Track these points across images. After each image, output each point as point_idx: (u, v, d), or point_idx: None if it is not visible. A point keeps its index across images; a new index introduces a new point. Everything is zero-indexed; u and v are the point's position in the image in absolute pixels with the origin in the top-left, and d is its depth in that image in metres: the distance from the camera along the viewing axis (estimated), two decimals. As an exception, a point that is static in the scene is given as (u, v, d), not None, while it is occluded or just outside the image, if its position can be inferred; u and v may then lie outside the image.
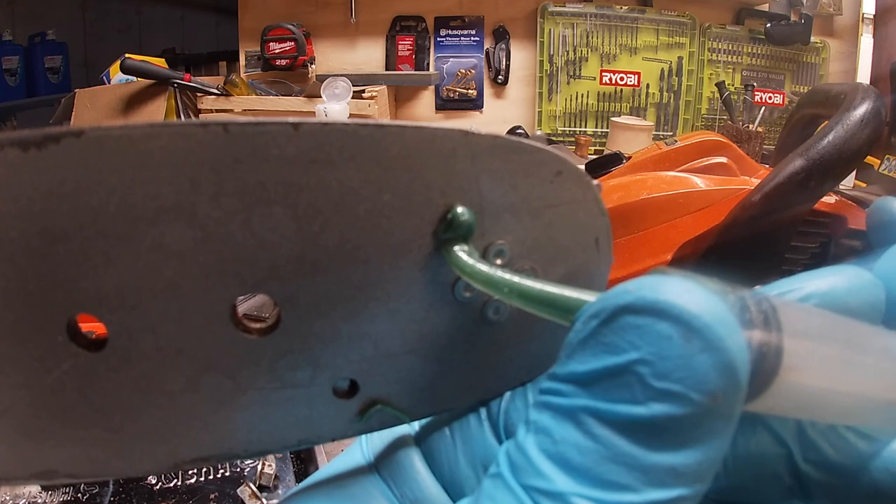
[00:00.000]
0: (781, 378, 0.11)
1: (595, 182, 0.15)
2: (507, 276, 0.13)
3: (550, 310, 0.12)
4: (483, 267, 0.13)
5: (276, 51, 1.34)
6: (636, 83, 1.47)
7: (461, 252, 0.13)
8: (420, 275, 0.14)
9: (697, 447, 0.11)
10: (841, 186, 0.85)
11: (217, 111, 1.26)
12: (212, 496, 0.57)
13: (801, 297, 0.15)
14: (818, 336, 0.12)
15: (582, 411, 0.11)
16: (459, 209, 0.13)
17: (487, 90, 1.50)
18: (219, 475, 0.59)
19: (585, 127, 1.49)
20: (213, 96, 1.27)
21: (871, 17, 1.43)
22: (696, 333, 0.10)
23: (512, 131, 1.23)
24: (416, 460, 0.16)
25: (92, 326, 0.13)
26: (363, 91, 1.27)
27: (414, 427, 0.18)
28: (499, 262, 0.14)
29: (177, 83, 1.25)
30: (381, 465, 0.17)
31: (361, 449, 0.18)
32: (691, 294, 0.11)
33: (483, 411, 0.17)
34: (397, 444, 0.17)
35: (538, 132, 1.46)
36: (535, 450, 0.11)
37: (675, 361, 0.10)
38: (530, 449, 0.11)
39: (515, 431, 0.13)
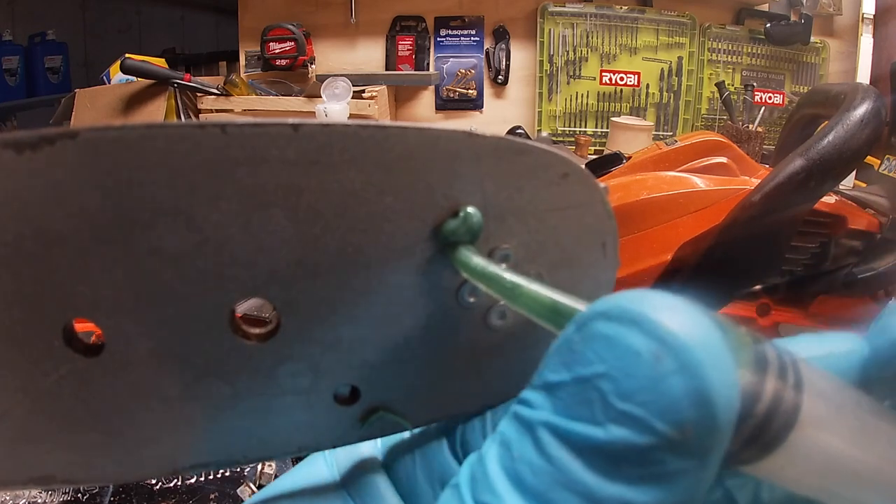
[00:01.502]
0: (797, 435, 0.10)
1: (602, 185, 0.15)
2: (519, 280, 0.12)
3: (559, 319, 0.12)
4: (494, 269, 0.13)
5: (276, 51, 1.34)
6: (636, 83, 1.47)
7: (469, 252, 0.13)
8: (423, 279, 0.14)
9: (659, 486, 0.09)
10: (841, 186, 0.85)
11: (217, 111, 1.26)
12: (212, 496, 0.57)
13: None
14: (839, 400, 0.11)
15: (542, 426, 0.10)
16: (470, 209, 0.13)
17: (487, 90, 1.50)
18: (219, 475, 0.59)
19: (585, 127, 1.49)
20: (213, 96, 1.27)
21: (871, 17, 1.43)
22: (669, 352, 0.09)
23: (512, 131, 1.23)
24: (382, 482, 0.16)
25: (91, 328, 0.12)
26: (363, 91, 1.26)
27: (377, 445, 0.17)
28: (504, 265, 0.14)
29: (177, 83, 1.25)
30: (349, 484, 0.16)
31: (326, 461, 0.17)
32: (674, 311, 0.09)
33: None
34: (365, 465, 0.17)
35: (543, 133, 1.46)
36: (495, 463, 0.11)
37: (640, 381, 0.09)
38: (490, 462, 0.11)
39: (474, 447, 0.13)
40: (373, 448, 0.17)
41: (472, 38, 1.48)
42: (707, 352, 0.09)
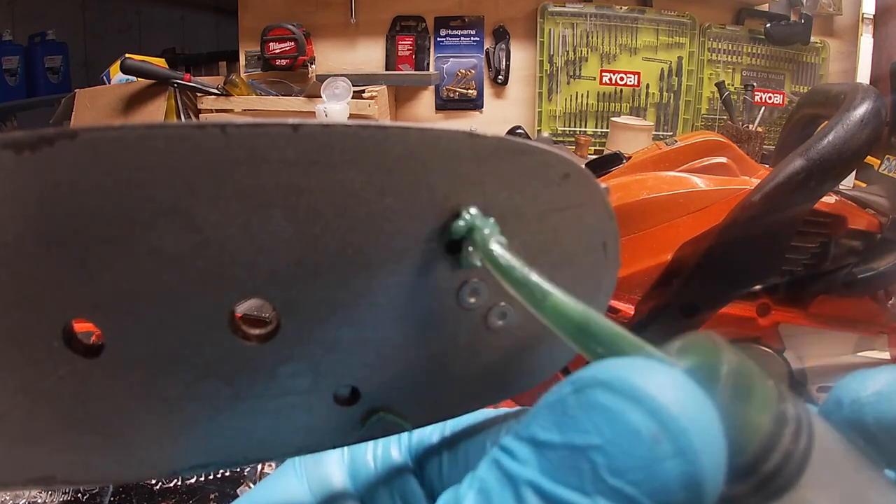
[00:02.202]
0: (796, 494, 0.10)
1: (603, 185, 0.14)
2: (551, 289, 0.12)
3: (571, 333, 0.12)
4: (525, 272, 0.12)
5: (276, 51, 1.34)
6: (636, 83, 1.47)
7: (499, 246, 0.13)
8: (423, 280, 0.14)
9: None
10: (841, 186, 0.85)
11: (217, 111, 1.26)
12: (212, 496, 0.57)
13: None
14: (841, 465, 0.11)
15: (527, 484, 0.10)
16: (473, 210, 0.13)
17: (487, 90, 1.50)
18: (219, 475, 0.59)
19: (585, 127, 1.49)
20: (213, 96, 1.27)
21: (871, 17, 1.43)
22: (668, 436, 0.09)
23: (512, 131, 1.23)
24: None
25: (91, 328, 0.12)
26: (363, 91, 1.27)
27: (344, 468, 0.18)
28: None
29: (177, 83, 1.25)
30: None
31: (297, 476, 0.17)
32: (677, 390, 0.09)
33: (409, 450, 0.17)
34: (342, 496, 0.17)
35: (543, 133, 1.46)
36: None
37: (636, 461, 0.09)
38: None
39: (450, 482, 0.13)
40: (341, 473, 0.17)
41: (472, 38, 1.48)
42: (704, 439, 0.09)
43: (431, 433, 0.18)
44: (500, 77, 1.48)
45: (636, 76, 1.47)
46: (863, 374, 0.14)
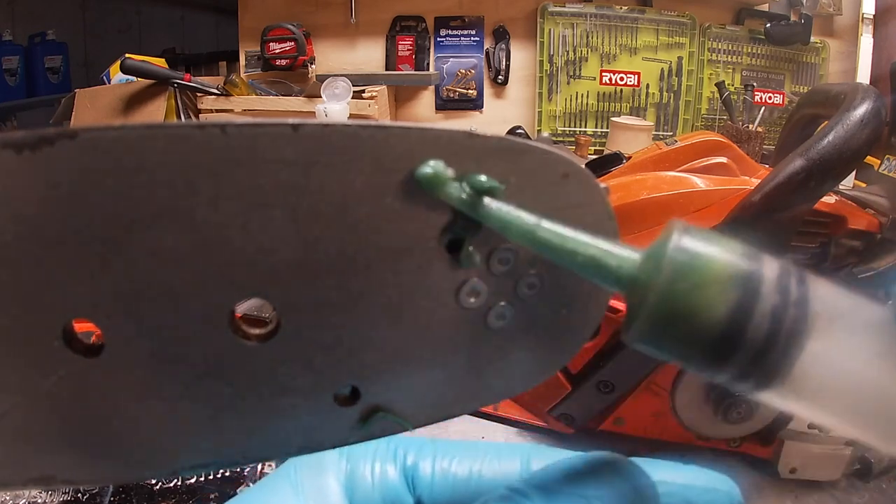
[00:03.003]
0: (803, 367, 0.10)
1: (603, 185, 0.15)
2: (560, 230, 0.13)
3: (594, 272, 0.12)
4: (528, 218, 0.13)
5: (276, 51, 1.34)
6: (636, 83, 1.47)
7: (496, 203, 0.13)
8: (423, 280, 0.14)
9: None
10: (841, 186, 0.85)
11: (217, 111, 1.26)
12: (212, 496, 0.57)
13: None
14: (850, 316, 0.10)
15: None
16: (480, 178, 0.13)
17: (487, 90, 1.50)
18: (219, 476, 0.59)
19: (585, 127, 1.49)
20: (213, 96, 1.27)
21: (871, 17, 1.43)
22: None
23: (512, 131, 1.23)
24: None
25: (91, 328, 0.12)
26: (363, 91, 1.27)
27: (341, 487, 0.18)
28: (504, 267, 0.14)
29: (177, 83, 1.25)
30: None
31: (293, 487, 0.17)
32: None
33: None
34: None
35: (543, 133, 1.46)
36: None
37: None
38: None
39: None
40: (338, 486, 0.18)
41: (472, 38, 1.48)
42: None
43: (424, 454, 0.18)
44: (500, 77, 1.48)
45: (636, 76, 1.47)
46: None
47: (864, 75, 1.42)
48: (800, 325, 0.10)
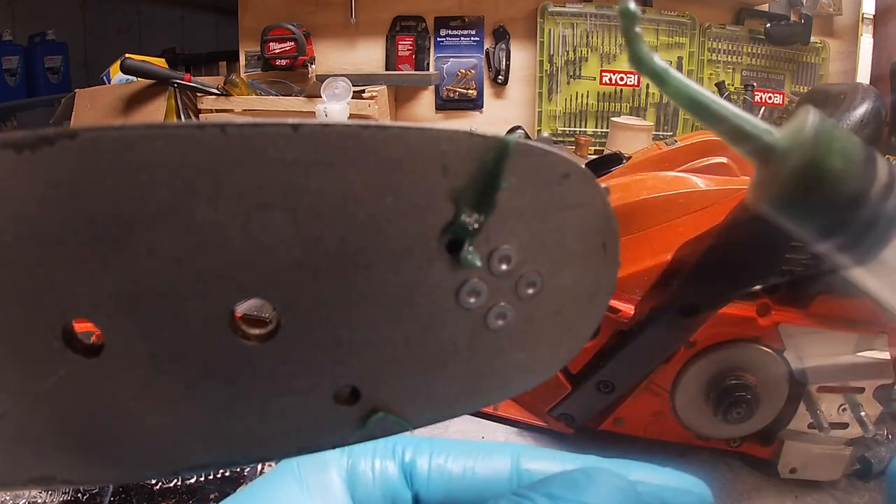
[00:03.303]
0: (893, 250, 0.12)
1: (603, 185, 0.15)
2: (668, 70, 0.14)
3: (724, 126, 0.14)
4: (659, 62, 0.14)
5: (276, 51, 1.34)
6: (636, 83, 1.47)
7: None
8: (423, 280, 0.14)
9: None
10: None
11: (217, 111, 1.26)
12: (212, 496, 0.57)
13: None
14: None
15: None
16: None
17: (487, 90, 1.50)
18: (219, 475, 0.59)
19: (585, 127, 1.49)
20: (213, 96, 1.27)
21: (871, 17, 1.43)
22: None
23: (512, 131, 1.23)
24: None
25: (90, 328, 0.12)
26: (363, 91, 1.27)
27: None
28: (504, 267, 0.14)
29: (177, 83, 1.25)
30: None
31: (297, 481, 0.18)
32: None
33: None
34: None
35: (543, 133, 1.46)
36: None
37: None
38: None
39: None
40: (340, 481, 0.19)
41: (472, 38, 1.48)
42: None
43: (422, 451, 0.19)
44: (500, 77, 1.48)
45: (636, 76, 1.47)
46: None
47: (864, 75, 1.42)
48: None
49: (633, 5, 0.14)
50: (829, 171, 0.12)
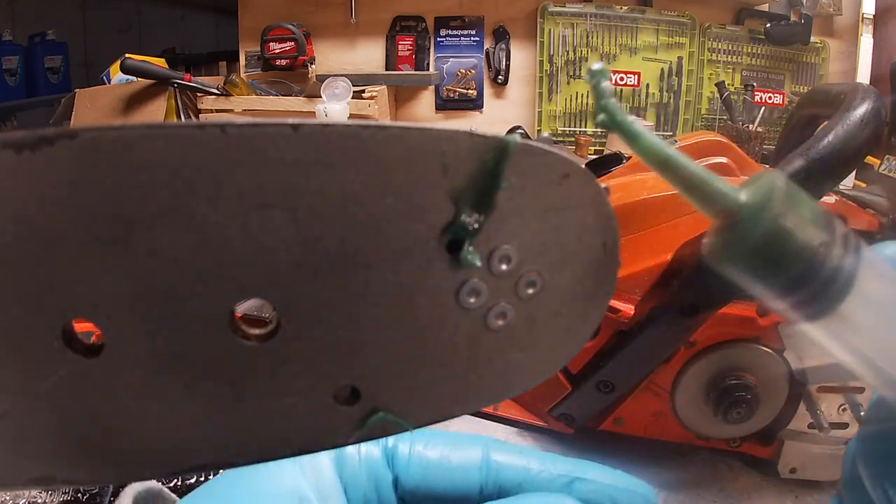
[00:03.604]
0: (849, 306, 0.12)
1: (603, 185, 0.15)
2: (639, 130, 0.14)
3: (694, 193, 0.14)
4: (650, 135, 0.14)
5: (276, 51, 1.34)
6: (636, 83, 1.47)
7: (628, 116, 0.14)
8: (423, 280, 0.14)
9: None
10: (841, 186, 0.85)
11: (217, 111, 1.26)
12: (211, 497, 0.57)
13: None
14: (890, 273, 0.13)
15: None
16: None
17: (487, 90, 1.50)
18: (219, 475, 0.59)
19: (585, 127, 1.49)
20: (213, 96, 1.27)
21: (871, 17, 1.43)
22: None
23: (512, 131, 1.23)
24: None
25: (91, 328, 0.12)
26: (363, 91, 1.26)
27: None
28: (504, 267, 0.14)
29: (177, 83, 1.25)
30: None
31: (292, 462, 0.20)
32: None
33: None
34: (330, 480, 0.20)
35: (543, 133, 1.46)
36: None
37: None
38: None
39: None
40: (329, 460, 0.21)
41: (472, 38, 1.48)
42: None
43: (403, 438, 0.21)
44: (500, 77, 1.47)
45: (636, 76, 1.47)
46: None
47: (864, 75, 1.42)
48: (855, 269, 0.12)
49: (599, 64, 0.14)
50: (793, 235, 0.12)
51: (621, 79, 1.47)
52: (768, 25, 1.44)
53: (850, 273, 0.12)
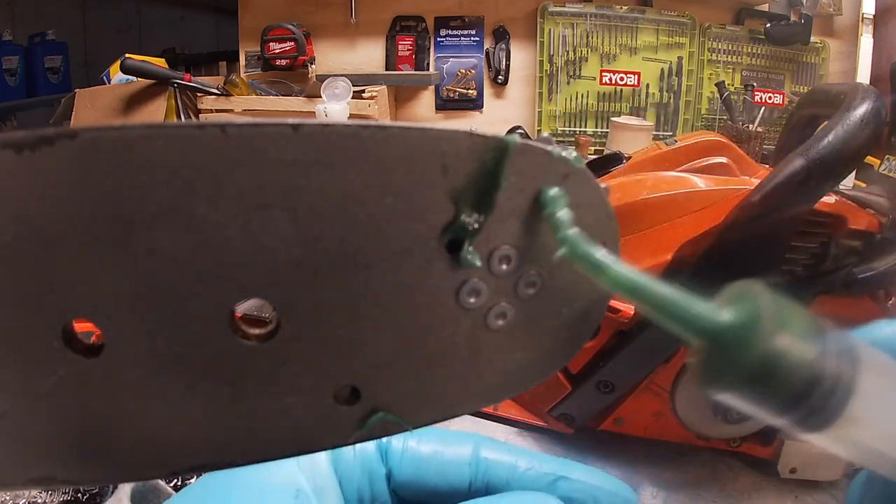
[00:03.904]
0: (852, 410, 0.12)
1: (603, 185, 0.15)
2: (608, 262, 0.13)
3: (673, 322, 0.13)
4: (626, 271, 0.13)
5: (276, 51, 1.34)
6: (636, 83, 1.47)
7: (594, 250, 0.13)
8: (423, 280, 0.14)
9: None
10: (841, 186, 0.85)
11: (217, 111, 1.26)
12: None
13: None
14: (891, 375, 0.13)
15: None
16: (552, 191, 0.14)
17: (487, 90, 1.49)
18: (218, 475, 0.59)
19: (585, 127, 1.49)
20: (213, 96, 1.27)
21: (871, 17, 1.43)
22: None
23: (512, 131, 1.23)
24: None
25: (91, 328, 0.12)
26: (363, 91, 1.26)
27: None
28: (504, 267, 0.14)
29: (177, 83, 1.25)
30: None
31: (301, 473, 0.20)
32: None
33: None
34: (325, 472, 0.21)
35: (544, 134, 1.46)
36: None
37: None
38: None
39: None
40: (325, 454, 0.21)
41: (472, 38, 1.48)
42: None
43: (397, 435, 0.21)
44: (500, 77, 1.47)
45: (636, 76, 1.47)
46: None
47: (864, 75, 1.42)
48: (853, 374, 0.12)
49: (555, 190, 0.14)
50: (787, 356, 0.12)
51: (621, 79, 1.47)
52: (768, 25, 1.44)
53: (848, 380, 0.12)
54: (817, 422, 0.12)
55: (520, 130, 1.29)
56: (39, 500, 0.54)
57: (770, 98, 1.42)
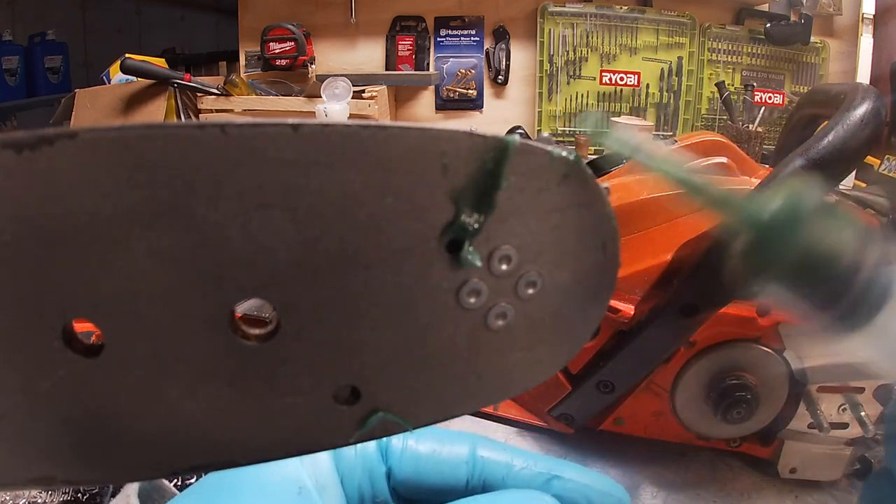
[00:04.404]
0: (889, 315, 0.12)
1: (603, 185, 0.15)
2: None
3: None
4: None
5: (276, 51, 1.34)
6: (636, 83, 1.47)
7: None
8: (423, 280, 0.14)
9: None
10: (841, 186, 0.85)
11: (217, 111, 1.26)
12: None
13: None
14: None
15: None
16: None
17: (487, 90, 1.49)
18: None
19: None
20: (213, 96, 1.27)
21: (871, 17, 1.43)
22: None
23: (512, 131, 1.23)
24: None
25: (91, 328, 0.12)
26: (363, 91, 1.26)
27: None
28: (504, 267, 0.14)
29: (177, 83, 1.25)
30: None
31: (304, 473, 0.21)
32: None
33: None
34: (327, 470, 0.21)
35: (544, 134, 1.46)
36: None
37: None
38: None
39: None
40: (327, 453, 0.22)
41: (472, 38, 1.48)
42: None
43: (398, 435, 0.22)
44: (500, 77, 1.47)
45: (636, 76, 1.47)
46: None
47: (864, 75, 1.42)
48: (891, 281, 0.12)
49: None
50: (830, 242, 0.12)
51: (621, 79, 1.47)
52: (768, 25, 1.44)
53: (886, 282, 0.12)
54: (856, 320, 0.12)
55: (520, 130, 1.29)
56: (39, 500, 0.54)
57: (770, 98, 1.42)
